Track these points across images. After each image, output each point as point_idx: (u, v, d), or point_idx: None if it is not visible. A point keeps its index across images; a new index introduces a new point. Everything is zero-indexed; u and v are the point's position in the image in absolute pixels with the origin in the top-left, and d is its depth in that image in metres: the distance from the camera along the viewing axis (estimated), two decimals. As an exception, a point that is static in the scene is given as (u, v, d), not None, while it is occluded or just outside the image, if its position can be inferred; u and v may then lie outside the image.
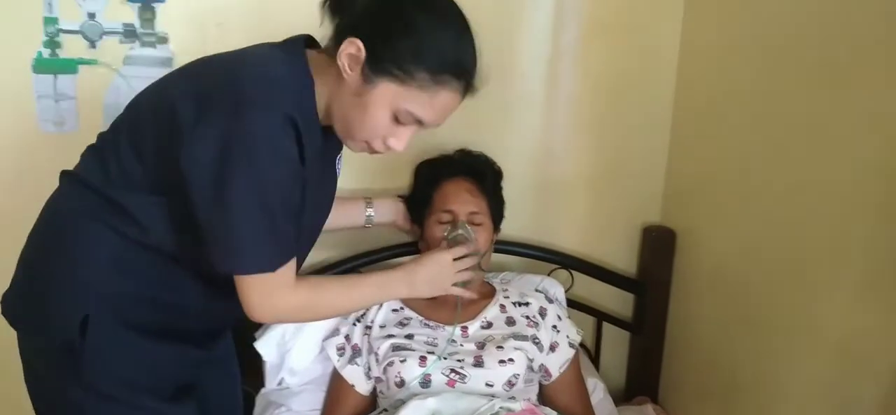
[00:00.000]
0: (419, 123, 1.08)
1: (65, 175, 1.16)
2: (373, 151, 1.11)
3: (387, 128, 1.07)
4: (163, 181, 1.05)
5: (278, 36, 1.13)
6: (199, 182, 0.99)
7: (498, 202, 1.59)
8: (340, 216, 1.45)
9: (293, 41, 1.12)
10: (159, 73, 1.18)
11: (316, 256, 1.70)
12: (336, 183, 1.30)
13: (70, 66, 1.52)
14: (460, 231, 1.43)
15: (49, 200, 1.16)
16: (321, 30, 1.11)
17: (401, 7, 1.03)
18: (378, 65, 1.01)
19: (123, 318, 1.10)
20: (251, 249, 1.03)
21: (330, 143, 1.14)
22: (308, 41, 1.13)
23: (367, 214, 1.54)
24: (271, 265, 1.05)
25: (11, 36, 1.50)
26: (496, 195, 1.59)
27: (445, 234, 1.44)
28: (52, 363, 1.12)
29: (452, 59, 1.05)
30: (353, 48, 1.01)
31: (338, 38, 1.05)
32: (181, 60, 1.51)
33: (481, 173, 1.57)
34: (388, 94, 1.03)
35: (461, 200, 1.50)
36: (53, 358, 1.11)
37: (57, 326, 1.09)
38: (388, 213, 1.58)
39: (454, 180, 1.53)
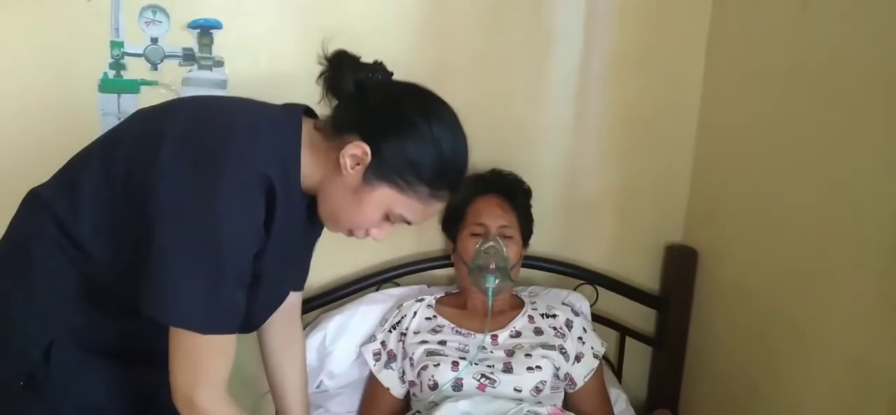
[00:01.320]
0: (406, 223, 1.10)
1: (31, 196, 1.13)
2: (350, 235, 1.13)
3: (375, 223, 1.09)
4: (120, 206, 1.02)
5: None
6: (159, 212, 0.96)
7: (527, 219, 1.67)
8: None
9: (293, 108, 1.11)
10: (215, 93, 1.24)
11: (355, 263, 1.81)
12: (308, 261, 1.28)
13: (133, 87, 1.62)
14: (491, 243, 1.52)
15: (14, 220, 1.13)
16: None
17: (411, 122, 1.04)
18: (382, 171, 1.03)
19: (86, 344, 1.09)
20: (183, 299, 0.97)
21: (312, 216, 1.13)
22: (307, 110, 1.13)
23: None
24: (201, 326, 0.98)
25: (81, 58, 1.60)
26: (525, 212, 1.67)
27: (478, 246, 1.53)
28: (12, 394, 1.09)
29: (452, 175, 1.08)
30: (358, 151, 1.02)
31: (338, 128, 1.05)
32: (235, 82, 1.63)
33: (512, 191, 1.65)
34: (385, 198, 1.05)
35: (493, 215, 1.58)
36: (14, 388, 1.08)
37: (19, 354, 1.08)
38: None
39: (486, 197, 1.62)
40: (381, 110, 1.05)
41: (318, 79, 1.09)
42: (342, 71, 1.06)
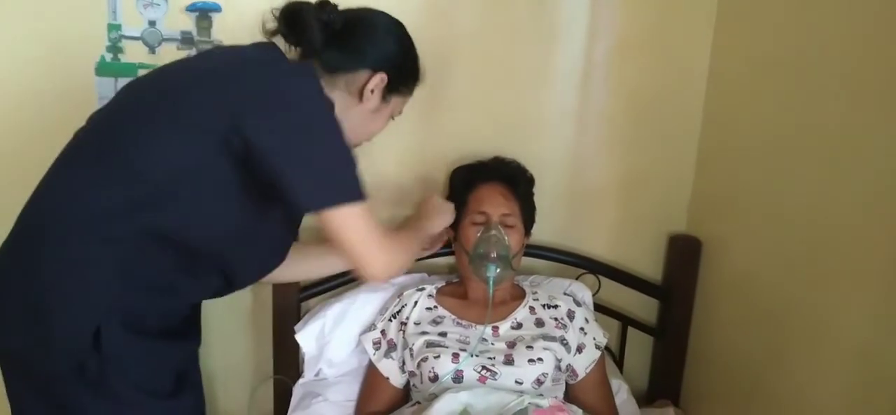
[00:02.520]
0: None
1: (48, 188, 1.14)
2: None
3: (383, 128, 1.35)
4: (204, 148, 1.09)
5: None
6: (283, 132, 1.07)
7: (529, 207, 1.65)
8: (333, 264, 1.52)
9: (275, 46, 1.24)
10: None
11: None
12: None
13: (131, 70, 1.61)
14: (493, 232, 1.50)
15: (29, 216, 1.14)
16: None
17: (387, 36, 1.29)
18: (393, 87, 1.29)
19: (131, 325, 1.12)
20: (339, 179, 1.12)
21: None
22: None
23: None
24: (361, 194, 1.13)
25: (77, 40, 1.59)
26: (528, 200, 1.65)
27: (479, 234, 1.51)
28: (61, 384, 1.11)
29: (417, 59, 1.36)
30: (378, 80, 1.26)
31: (336, 67, 1.24)
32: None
33: (515, 179, 1.63)
34: (393, 105, 1.33)
35: (495, 203, 1.56)
36: (65, 378, 1.10)
37: (66, 344, 1.09)
38: None
39: (489, 185, 1.59)
40: (370, 40, 1.27)
41: (275, 35, 1.26)
42: (308, 21, 1.21)
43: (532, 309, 1.56)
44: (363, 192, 1.13)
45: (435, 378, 1.42)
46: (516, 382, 1.41)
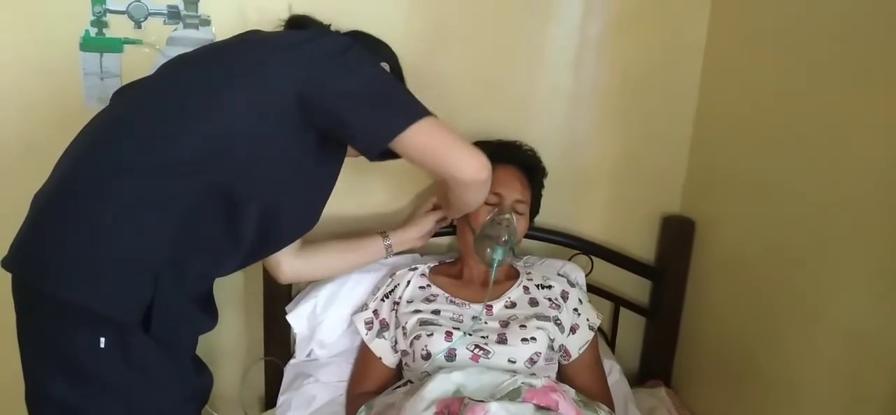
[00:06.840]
0: None
1: (101, 144, 1.14)
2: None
3: None
4: (269, 112, 1.15)
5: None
6: (338, 85, 1.16)
7: (538, 199, 1.63)
8: (362, 255, 1.58)
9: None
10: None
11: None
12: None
13: (116, 46, 1.57)
14: (506, 216, 1.47)
15: (79, 172, 1.12)
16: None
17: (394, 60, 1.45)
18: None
19: (179, 281, 1.15)
20: (410, 100, 1.20)
21: None
22: None
23: (386, 243, 1.59)
24: (424, 110, 1.18)
25: (61, 15, 1.55)
26: (539, 191, 1.64)
27: (491, 215, 1.49)
28: (121, 329, 1.12)
29: None
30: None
31: None
32: (223, 43, 1.58)
33: (533, 167, 1.61)
34: None
35: (512, 188, 1.53)
36: (125, 324, 1.11)
37: (121, 303, 1.10)
38: (406, 242, 1.62)
39: (507, 167, 1.56)
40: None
41: None
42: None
43: (526, 289, 1.55)
44: (427, 109, 1.18)
45: (428, 356, 1.41)
46: (509, 360, 1.40)
